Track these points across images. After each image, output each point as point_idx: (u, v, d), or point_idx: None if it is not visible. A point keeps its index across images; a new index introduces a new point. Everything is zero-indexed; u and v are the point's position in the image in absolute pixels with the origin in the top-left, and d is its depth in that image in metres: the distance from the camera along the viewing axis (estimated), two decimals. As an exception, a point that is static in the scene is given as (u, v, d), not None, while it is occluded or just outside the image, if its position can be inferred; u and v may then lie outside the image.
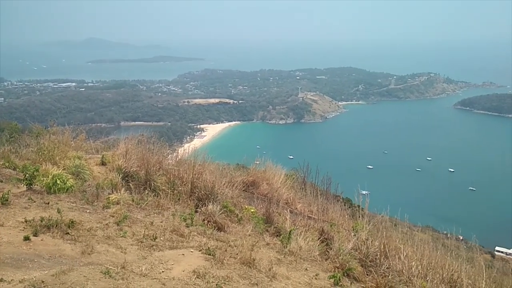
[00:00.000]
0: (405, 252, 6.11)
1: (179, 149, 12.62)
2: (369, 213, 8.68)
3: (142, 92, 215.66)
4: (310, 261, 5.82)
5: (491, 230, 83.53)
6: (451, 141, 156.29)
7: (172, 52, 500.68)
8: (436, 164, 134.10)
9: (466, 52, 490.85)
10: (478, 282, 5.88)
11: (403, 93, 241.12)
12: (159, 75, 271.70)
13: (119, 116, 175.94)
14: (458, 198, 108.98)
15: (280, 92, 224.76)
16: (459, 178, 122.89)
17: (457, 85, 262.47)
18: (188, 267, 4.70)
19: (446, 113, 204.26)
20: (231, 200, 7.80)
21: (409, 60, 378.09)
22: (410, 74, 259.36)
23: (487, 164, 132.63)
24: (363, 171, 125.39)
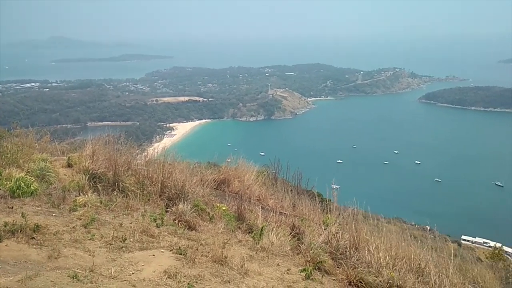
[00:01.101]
0: (374, 244, 6.23)
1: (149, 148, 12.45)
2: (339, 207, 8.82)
3: (109, 92, 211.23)
4: (282, 256, 5.87)
5: (457, 219, 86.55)
6: (417, 134, 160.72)
7: (140, 50, 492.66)
8: (403, 157, 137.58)
9: (430, 47, 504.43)
10: (445, 270, 6.07)
11: (370, 88, 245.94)
12: (127, 74, 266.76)
13: (86, 117, 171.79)
14: (425, 189, 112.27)
15: (250, 89, 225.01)
16: (425, 170, 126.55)
17: (421, 79, 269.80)
18: (159, 267, 4.65)
19: (411, 107, 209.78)
20: (202, 199, 7.75)
21: (375, 55, 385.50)
22: (377, 70, 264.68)
23: (451, 155, 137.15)
24: (333, 166, 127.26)
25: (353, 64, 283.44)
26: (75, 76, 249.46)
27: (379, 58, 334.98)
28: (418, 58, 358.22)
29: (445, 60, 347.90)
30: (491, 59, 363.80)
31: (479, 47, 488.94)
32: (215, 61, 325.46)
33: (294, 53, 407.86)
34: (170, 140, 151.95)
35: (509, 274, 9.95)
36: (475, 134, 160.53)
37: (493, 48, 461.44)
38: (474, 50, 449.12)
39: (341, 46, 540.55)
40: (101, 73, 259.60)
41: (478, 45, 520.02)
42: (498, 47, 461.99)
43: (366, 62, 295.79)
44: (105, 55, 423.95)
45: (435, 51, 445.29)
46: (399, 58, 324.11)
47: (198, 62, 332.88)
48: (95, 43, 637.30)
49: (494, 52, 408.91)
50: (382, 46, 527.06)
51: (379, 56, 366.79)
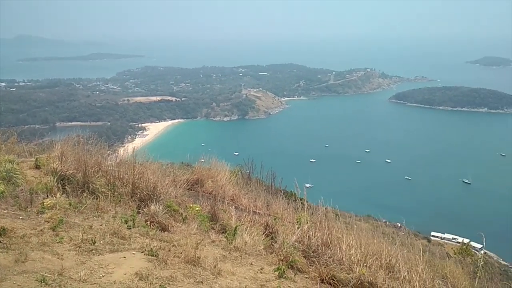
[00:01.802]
0: (345, 241, 6.32)
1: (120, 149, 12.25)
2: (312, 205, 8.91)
3: (78, 91, 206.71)
4: (255, 256, 5.88)
5: (427, 216, 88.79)
6: (388, 134, 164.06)
7: (110, 49, 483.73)
8: (374, 155, 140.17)
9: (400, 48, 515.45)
10: (415, 266, 6.21)
11: (342, 88, 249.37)
12: (97, 73, 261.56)
13: (54, 117, 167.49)
14: (396, 187, 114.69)
15: (224, 89, 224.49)
16: (395, 168, 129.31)
17: (391, 80, 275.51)
18: (130, 269, 4.59)
19: (382, 107, 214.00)
20: (175, 200, 7.68)
21: (347, 55, 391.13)
22: (348, 70, 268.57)
23: (421, 154, 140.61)
24: (307, 165, 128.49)
25: (325, 65, 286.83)
26: (43, 75, 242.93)
27: (351, 58, 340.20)
28: (388, 59, 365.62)
29: (414, 61, 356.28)
30: (459, 59, 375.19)
31: (447, 48, 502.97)
32: (188, 61, 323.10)
33: (267, 53, 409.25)
34: (142, 140, 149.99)
35: (477, 269, 10.24)
36: (443, 133, 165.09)
37: (460, 49, 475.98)
38: (442, 51, 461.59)
39: (313, 46, 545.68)
40: (70, 72, 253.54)
41: (446, 46, 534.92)
42: (465, 48, 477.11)
43: (338, 62, 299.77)
44: (73, 54, 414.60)
45: (405, 52, 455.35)
46: (370, 59, 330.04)
47: (170, 61, 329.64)
48: (63, 41, 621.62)
49: (462, 53, 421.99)
50: (353, 47, 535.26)
51: (351, 56, 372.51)
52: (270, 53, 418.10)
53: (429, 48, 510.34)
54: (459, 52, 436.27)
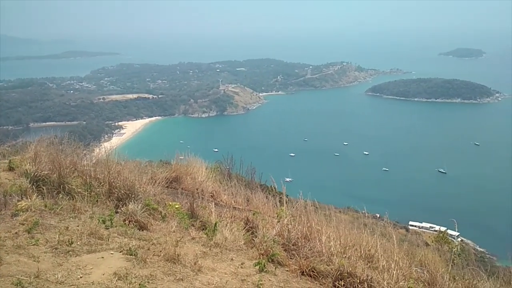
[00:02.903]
0: (325, 233, 6.39)
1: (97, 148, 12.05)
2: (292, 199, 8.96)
3: (52, 91, 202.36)
4: (235, 251, 5.89)
5: (405, 206, 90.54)
6: (365, 126, 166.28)
7: (84, 47, 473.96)
8: (353, 148, 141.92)
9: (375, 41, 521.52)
10: (393, 255, 6.32)
11: (319, 82, 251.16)
12: (70, 72, 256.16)
13: (28, 117, 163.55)
14: (374, 179, 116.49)
15: (201, 85, 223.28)
16: (373, 160, 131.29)
17: (367, 73, 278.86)
18: (109, 269, 4.54)
19: (359, 100, 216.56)
20: (154, 198, 7.61)
21: (323, 49, 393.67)
22: (325, 64, 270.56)
23: (397, 145, 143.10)
24: (286, 159, 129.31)
25: (302, 59, 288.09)
26: (15, 75, 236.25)
27: (327, 52, 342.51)
28: (364, 52, 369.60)
29: (389, 54, 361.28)
30: (432, 52, 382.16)
31: (421, 41, 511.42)
32: (164, 57, 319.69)
33: (244, 48, 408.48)
34: (119, 139, 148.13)
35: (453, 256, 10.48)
36: (419, 124, 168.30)
37: (434, 42, 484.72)
38: (416, 44, 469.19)
39: (289, 41, 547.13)
40: (43, 72, 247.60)
41: (420, 39, 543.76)
42: (438, 41, 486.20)
43: (315, 56, 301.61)
44: (46, 53, 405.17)
45: (380, 45, 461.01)
46: (346, 53, 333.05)
47: (146, 58, 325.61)
48: (34, 40, 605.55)
49: (435, 45, 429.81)
50: (329, 41, 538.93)
51: (327, 50, 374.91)
52: (246, 48, 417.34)
53: (403, 41, 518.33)
54: (433, 44, 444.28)
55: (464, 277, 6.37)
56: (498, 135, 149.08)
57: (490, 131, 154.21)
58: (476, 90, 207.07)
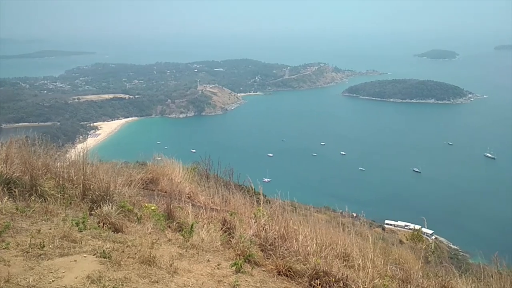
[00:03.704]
0: (302, 233, 6.42)
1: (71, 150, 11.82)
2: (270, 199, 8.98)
3: (24, 91, 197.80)
4: (212, 252, 5.86)
5: (381, 205, 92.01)
6: (342, 126, 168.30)
7: (58, 46, 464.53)
8: (330, 148, 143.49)
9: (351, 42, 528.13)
10: (368, 254, 6.39)
11: (297, 83, 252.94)
12: (44, 72, 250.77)
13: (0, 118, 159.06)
14: (351, 178, 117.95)
15: (179, 85, 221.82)
16: (350, 160, 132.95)
17: (344, 74, 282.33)
18: (82, 273, 4.44)
19: (336, 101, 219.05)
20: (129, 199, 7.50)
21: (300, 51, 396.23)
22: (302, 65, 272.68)
23: (373, 145, 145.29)
24: (265, 159, 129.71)
25: (280, 60, 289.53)
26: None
27: (304, 53, 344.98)
28: (341, 53, 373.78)
29: (366, 55, 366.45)
30: (407, 53, 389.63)
31: (396, 42, 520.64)
32: (141, 57, 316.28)
33: (222, 49, 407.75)
34: (94, 140, 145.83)
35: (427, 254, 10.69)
36: (394, 125, 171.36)
37: (408, 43, 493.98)
38: (392, 45, 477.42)
39: (267, 42, 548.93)
40: (15, 71, 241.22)
41: (395, 41, 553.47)
42: (413, 42, 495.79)
43: (292, 57, 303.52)
44: (18, 52, 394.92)
45: (356, 47, 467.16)
46: (323, 54, 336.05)
47: (122, 58, 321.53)
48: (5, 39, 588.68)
49: (410, 46, 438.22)
50: (306, 42, 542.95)
51: (304, 52, 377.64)
52: (224, 48, 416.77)
53: (379, 42, 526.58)
54: (408, 46, 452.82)
55: (438, 274, 6.49)
56: (470, 134, 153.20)
57: (462, 131, 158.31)
58: (450, 91, 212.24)
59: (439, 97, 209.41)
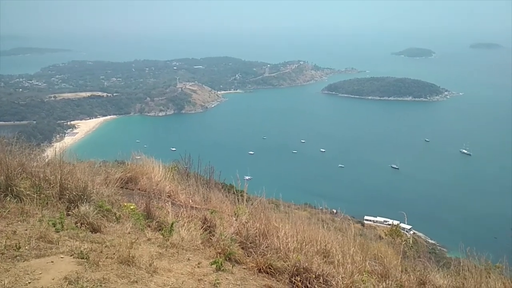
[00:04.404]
0: (282, 230, 6.45)
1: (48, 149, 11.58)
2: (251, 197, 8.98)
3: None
4: (192, 251, 5.83)
5: (360, 201, 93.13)
6: (321, 124, 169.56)
7: (33, 43, 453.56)
8: (310, 145, 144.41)
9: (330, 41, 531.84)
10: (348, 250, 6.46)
11: (277, 80, 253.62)
12: (19, 69, 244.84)
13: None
14: (330, 175, 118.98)
15: (158, 83, 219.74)
16: (329, 157, 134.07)
17: (323, 72, 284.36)
18: (59, 274, 4.36)
19: (315, 98, 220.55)
20: (108, 199, 7.39)
21: (279, 49, 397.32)
22: (282, 63, 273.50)
23: (352, 142, 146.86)
24: (246, 157, 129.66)
25: (260, 57, 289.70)
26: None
27: (284, 51, 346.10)
28: (320, 51, 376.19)
29: (344, 53, 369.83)
30: (385, 51, 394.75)
31: (374, 41, 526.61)
32: (119, 54, 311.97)
33: (201, 46, 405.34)
34: (72, 139, 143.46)
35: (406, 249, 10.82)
36: (372, 122, 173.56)
37: (386, 41, 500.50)
38: (370, 44, 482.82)
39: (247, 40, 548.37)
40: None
41: (373, 39, 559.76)
42: (390, 40, 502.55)
43: (272, 55, 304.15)
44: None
45: (335, 45, 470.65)
46: (302, 52, 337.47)
47: (100, 55, 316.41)
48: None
49: (387, 44, 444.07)
50: (285, 40, 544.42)
51: (283, 50, 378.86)
52: (204, 46, 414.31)
53: (357, 41, 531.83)
54: (385, 44, 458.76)
55: (416, 269, 6.61)
56: (447, 131, 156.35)
57: (439, 128, 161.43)
58: (426, 88, 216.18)
59: (416, 94, 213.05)
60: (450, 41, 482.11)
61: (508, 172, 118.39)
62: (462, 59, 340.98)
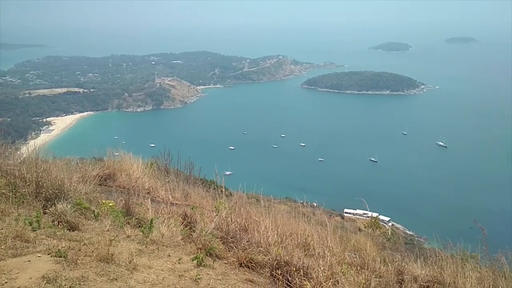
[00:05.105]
0: (263, 224, 6.48)
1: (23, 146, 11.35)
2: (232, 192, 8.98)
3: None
4: (173, 247, 5.81)
5: (340, 194, 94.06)
6: (301, 118, 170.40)
7: (6, 38, 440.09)
8: (290, 140, 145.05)
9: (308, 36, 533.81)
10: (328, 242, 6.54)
11: (257, 75, 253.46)
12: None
13: None
14: (311, 169, 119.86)
15: (135, 78, 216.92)
16: (309, 151, 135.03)
17: (302, 66, 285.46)
18: (36, 273, 4.29)
19: (295, 93, 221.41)
20: (86, 196, 7.29)
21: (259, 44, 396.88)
22: (262, 57, 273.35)
23: (332, 136, 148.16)
24: (226, 152, 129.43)
25: (239, 52, 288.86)
26: None
27: (263, 46, 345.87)
28: (299, 46, 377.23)
29: (323, 48, 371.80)
30: (363, 46, 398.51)
31: (352, 35, 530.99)
32: (95, 49, 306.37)
33: (180, 41, 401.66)
34: (48, 136, 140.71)
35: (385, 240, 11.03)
36: (351, 116, 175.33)
37: (364, 36, 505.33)
38: (348, 38, 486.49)
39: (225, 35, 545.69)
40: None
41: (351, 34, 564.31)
42: (368, 35, 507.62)
43: (251, 50, 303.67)
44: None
45: (313, 39, 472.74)
46: (281, 47, 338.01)
47: (75, 50, 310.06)
48: None
49: (365, 39, 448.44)
50: (264, 35, 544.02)
51: (263, 44, 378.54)
52: (182, 41, 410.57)
53: (336, 36, 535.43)
54: (363, 38, 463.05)
55: (394, 260, 6.73)
56: (424, 124, 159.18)
57: (416, 121, 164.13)
58: (404, 82, 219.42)
59: (393, 88, 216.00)
60: (427, 36, 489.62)
61: (483, 164, 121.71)
62: (438, 53, 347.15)
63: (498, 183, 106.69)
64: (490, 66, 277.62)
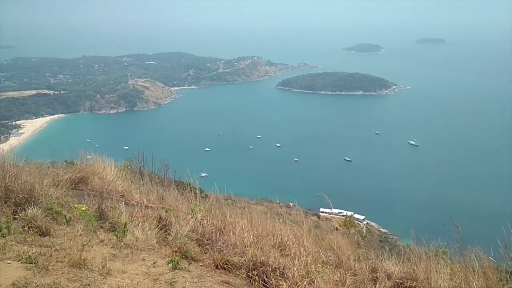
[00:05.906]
0: (239, 225, 6.48)
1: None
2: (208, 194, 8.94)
3: None
4: (147, 251, 5.74)
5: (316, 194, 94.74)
6: (276, 119, 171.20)
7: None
8: (265, 140, 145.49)
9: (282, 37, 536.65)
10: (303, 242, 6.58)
11: (231, 76, 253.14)
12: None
13: None
14: (286, 169, 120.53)
15: (108, 79, 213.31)
16: (285, 151, 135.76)
17: (277, 67, 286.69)
18: (6, 280, 4.17)
19: (270, 93, 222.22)
20: (57, 201, 7.13)
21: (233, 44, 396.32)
22: (236, 58, 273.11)
23: (307, 136, 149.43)
24: (202, 154, 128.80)
25: (213, 53, 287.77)
26: None
27: (237, 47, 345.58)
28: (273, 47, 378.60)
29: (297, 49, 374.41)
30: (335, 47, 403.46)
31: (325, 37, 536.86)
32: (65, 50, 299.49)
33: (153, 42, 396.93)
34: (17, 139, 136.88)
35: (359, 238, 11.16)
36: (325, 116, 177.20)
37: (337, 37, 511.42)
38: (321, 40, 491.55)
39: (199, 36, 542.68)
40: None
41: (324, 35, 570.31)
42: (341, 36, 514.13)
43: (226, 51, 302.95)
44: None
45: (287, 40, 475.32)
46: (256, 48, 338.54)
47: (45, 51, 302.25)
48: None
49: (338, 40, 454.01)
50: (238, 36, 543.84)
51: (237, 45, 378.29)
52: (155, 41, 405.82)
53: (309, 37, 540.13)
54: (336, 40, 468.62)
55: (368, 257, 6.83)
56: (396, 123, 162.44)
57: (388, 121, 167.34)
58: (376, 82, 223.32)
59: (366, 88, 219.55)
60: (397, 37, 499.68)
61: (454, 161, 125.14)
62: (409, 54, 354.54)
63: (469, 179, 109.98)
64: (458, 65, 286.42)
